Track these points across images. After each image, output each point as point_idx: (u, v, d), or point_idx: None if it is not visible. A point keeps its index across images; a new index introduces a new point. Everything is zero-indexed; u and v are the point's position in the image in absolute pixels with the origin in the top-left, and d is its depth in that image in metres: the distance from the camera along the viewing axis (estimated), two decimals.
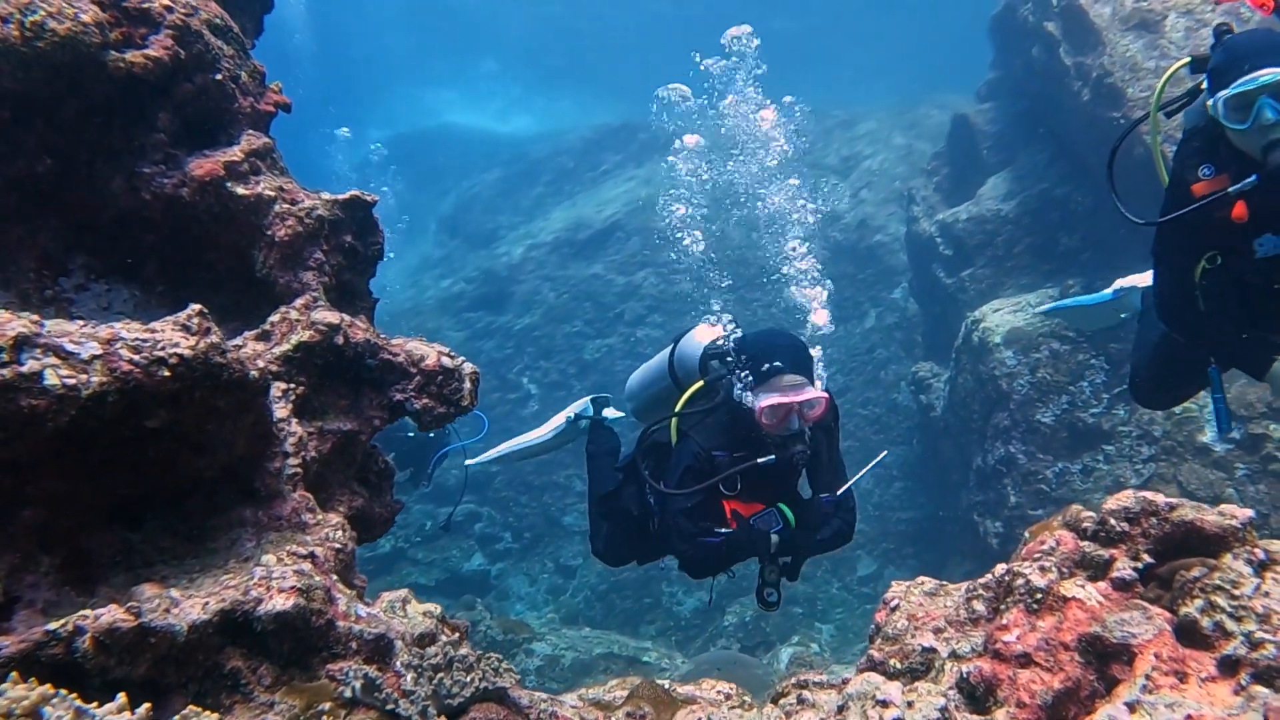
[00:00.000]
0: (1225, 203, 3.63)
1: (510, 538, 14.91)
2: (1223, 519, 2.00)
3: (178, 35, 3.24)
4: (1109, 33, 10.23)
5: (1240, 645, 1.77)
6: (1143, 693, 1.73)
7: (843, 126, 20.17)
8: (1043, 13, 11.34)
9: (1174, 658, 1.79)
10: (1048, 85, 11.31)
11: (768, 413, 3.88)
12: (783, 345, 4.12)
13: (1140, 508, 2.08)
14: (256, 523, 2.55)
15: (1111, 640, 1.82)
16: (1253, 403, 8.47)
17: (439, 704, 2.14)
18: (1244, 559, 1.92)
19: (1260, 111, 3.40)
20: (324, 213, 3.26)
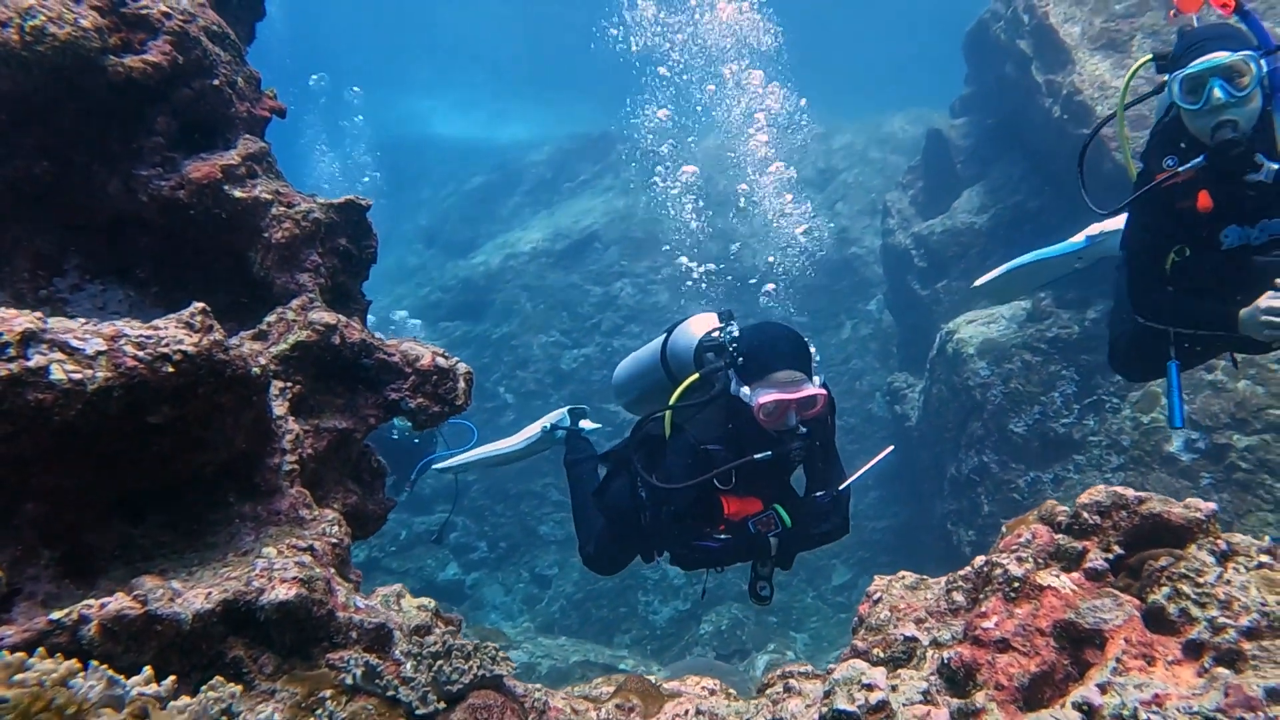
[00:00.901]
0: (1188, 192, 3.75)
1: (486, 547, 14.86)
2: (1188, 512, 2.10)
3: (176, 41, 3.30)
4: (1078, 51, 10.45)
5: (1204, 630, 1.87)
6: (1113, 675, 1.82)
7: (818, 140, 20.36)
8: (1015, 31, 11.55)
9: (1143, 642, 1.88)
10: (1020, 101, 11.51)
11: (765, 409, 3.81)
12: (781, 340, 4.04)
13: (1111, 501, 2.18)
14: (255, 517, 2.61)
15: (1084, 626, 1.92)
16: (1217, 413, 8.65)
17: (438, 690, 2.20)
18: (1207, 549, 2.03)
19: (1210, 92, 3.55)
20: (320, 216, 3.32)
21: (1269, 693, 1.68)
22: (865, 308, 16.41)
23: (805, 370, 3.95)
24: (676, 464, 4.09)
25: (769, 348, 3.98)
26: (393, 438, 9.94)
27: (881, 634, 2.28)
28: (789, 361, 3.91)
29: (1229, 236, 3.83)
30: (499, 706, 2.20)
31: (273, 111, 3.66)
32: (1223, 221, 3.81)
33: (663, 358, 4.85)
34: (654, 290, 17.38)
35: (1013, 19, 11.65)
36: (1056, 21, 10.80)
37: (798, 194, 18.79)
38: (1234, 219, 3.80)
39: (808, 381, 3.91)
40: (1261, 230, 3.78)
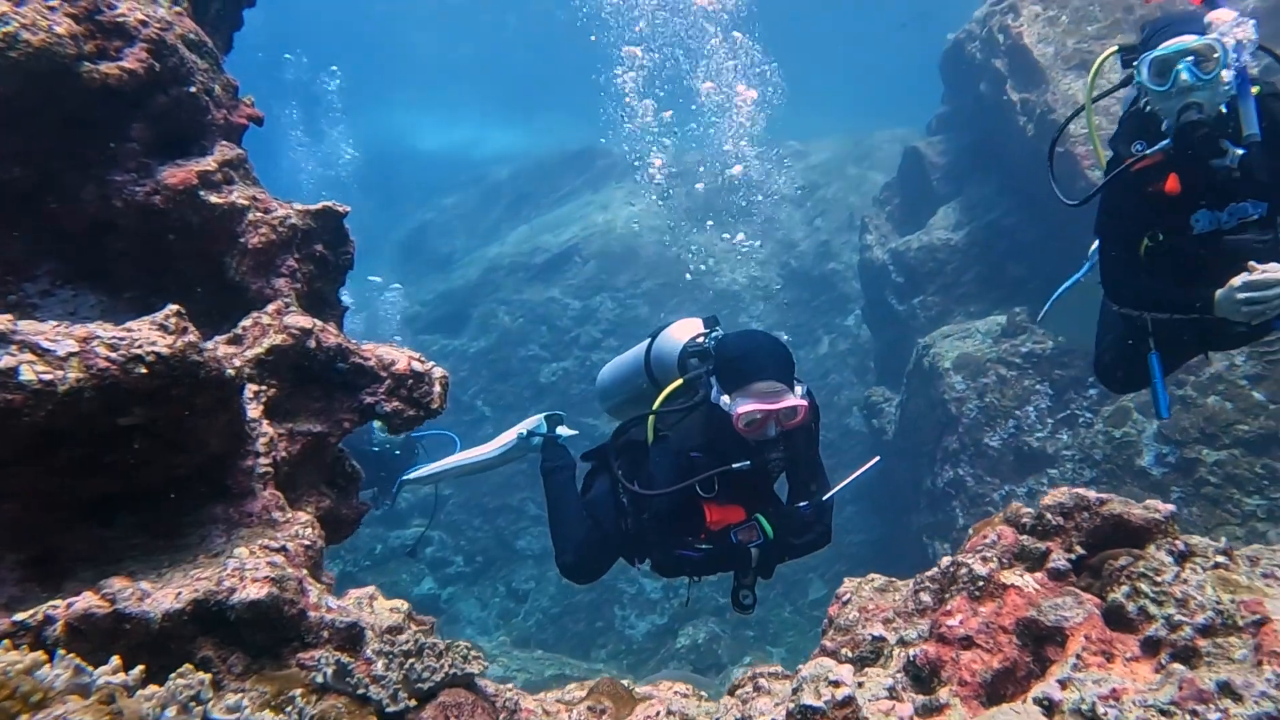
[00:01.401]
0: (1157, 175, 3.80)
1: (462, 561, 14.79)
2: (1147, 513, 2.15)
3: (152, 48, 3.31)
4: (1052, 71, 10.61)
5: (1161, 627, 1.91)
6: (1073, 670, 1.86)
7: (797, 156, 20.54)
8: (990, 51, 11.71)
9: (1102, 639, 1.92)
10: (995, 119, 11.66)
11: (745, 419, 3.76)
12: (763, 349, 3.98)
13: (1074, 503, 2.22)
14: (227, 519, 2.61)
15: (1046, 623, 1.95)
16: (1186, 428, 8.77)
17: (409, 688, 2.21)
18: (1166, 549, 2.07)
19: (1178, 74, 3.61)
20: (297, 222, 3.33)
21: (1220, 686, 1.72)
22: (843, 323, 16.52)
23: (787, 380, 3.88)
24: (659, 470, 4.03)
25: (750, 357, 3.92)
26: (374, 450, 9.82)
27: (850, 634, 2.31)
28: (770, 372, 3.85)
29: (1199, 221, 3.87)
30: (470, 704, 2.21)
31: (250, 119, 3.68)
32: (1192, 206, 3.86)
33: (646, 363, 4.79)
34: (633, 304, 17.43)
35: (988, 39, 11.81)
36: (1030, 42, 10.97)
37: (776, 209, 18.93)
38: (1203, 204, 3.85)
39: (789, 392, 3.85)
40: (1230, 214, 3.83)
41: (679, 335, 4.56)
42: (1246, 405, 8.58)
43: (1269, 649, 1.79)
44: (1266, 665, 1.76)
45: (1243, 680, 1.73)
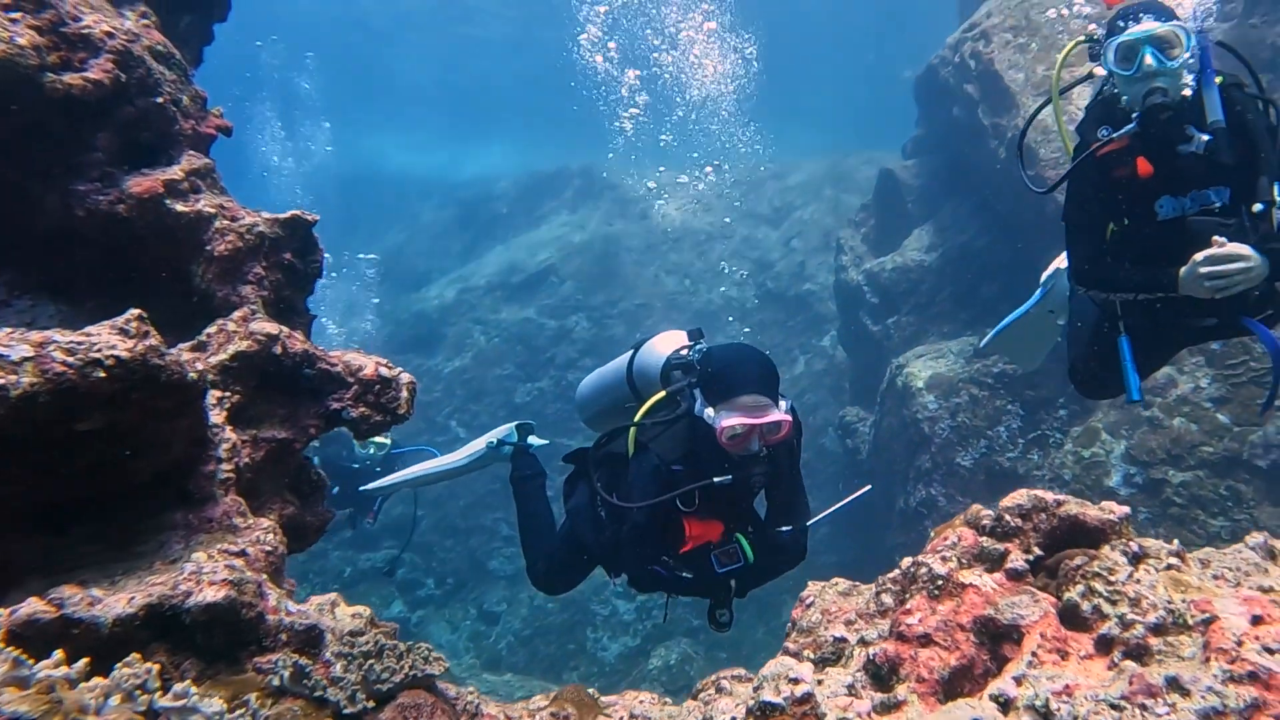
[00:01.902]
0: (1123, 160, 3.85)
1: (433, 584, 14.64)
2: (1102, 513, 2.17)
3: (118, 60, 3.31)
4: (1022, 96, 10.75)
5: (1114, 626, 1.93)
6: (1028, 668, 1.87)
7: (774, 177, 20.68)
8: (962, 76, 11.87)
9: (1057, 637, 1.94)
10: (967, 143, 11.80)
11: (728, 433, 3.66)
12: (749, 362, 3.91)
13: (1032, 504, 2.25)
14: (186, 525, 2.59)
15: (1003, 621, 1.97)
16: (1153, 449, 8.86)
17: (367, 689, 2.19)
18: (1120, 550, 2.10)
19: (1142, 58, 3.68)
20: (264, 229, 3.33)
21: (1169, 681, 1.74)
22: (819, 343, 16.60)
23: (772, 395, 3.81)
24: (638, 482, 3.96)
25: (736, 369, 3.86)
26: (354, 467, 9.77)
27: (812, 635, 2.32)
28: (756, 385, 3.78)
29: (1164, 207, 3.92)
30: (430, 706, 2.19)
31: (219, 130, 3.68)
32: (1156, 192, 3.91)
33: (629, 375, 4.73)
34: (609, 324, 17.45)
35: (960, 65, 11.97)
36: (1002, 68, 11.12)
37: (753, 229, 19.07)
38: (1167, 190, 3.91)
39: (774, 407, 3.78)
40: (1194, 200, 3.89)
41: (663, 348, 4.51)
42: (1211, 427, 8.67)
43: (1216, 646, 1.81)
44: (1214, 662, 1.78)
45: (1190, 676, 1.75)
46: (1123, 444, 9.08)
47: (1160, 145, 3.82)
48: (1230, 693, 1.72)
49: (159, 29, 3.68)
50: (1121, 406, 9.16)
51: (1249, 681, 1.74)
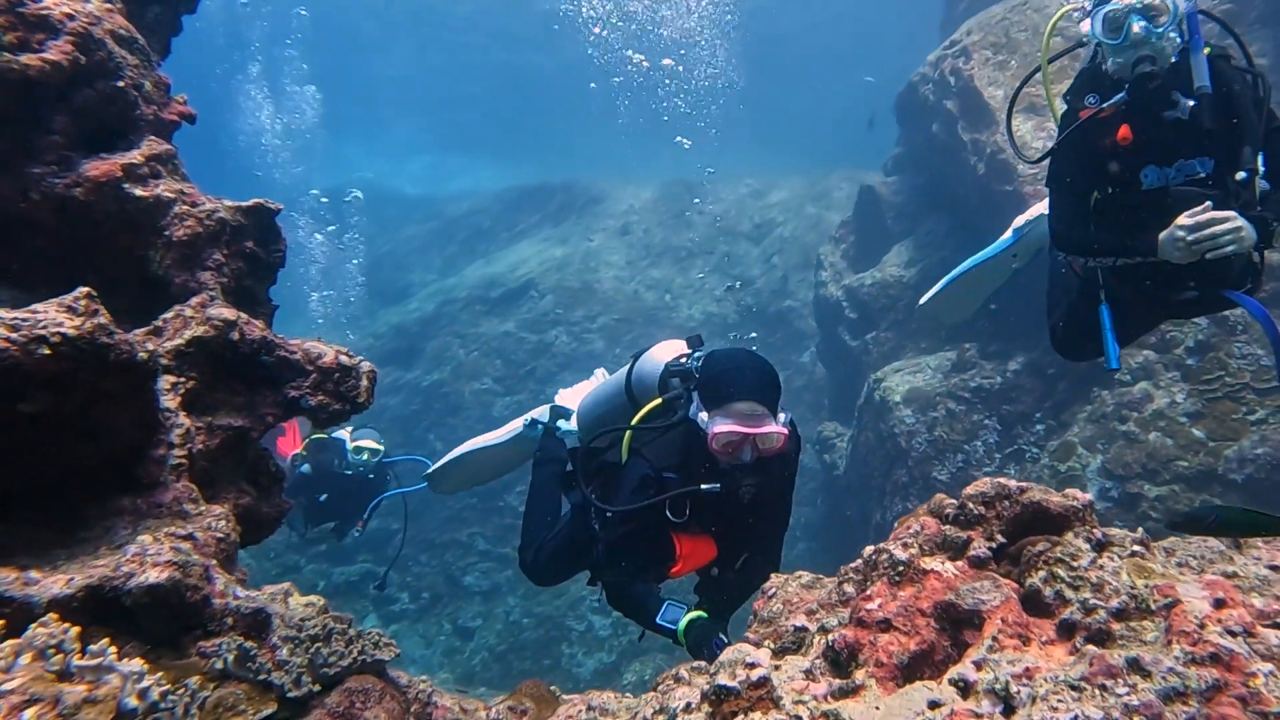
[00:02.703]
0: (1109, 128, 3.88)
1: (407, 598, 14.48)
2: (1066, 500, 2.14)
3: (78, 42, 3.25)
4: (1001, 113, 10.81)
5: (1076, 611, 1.90)
6: (989, 652, 1.83)
7: (755, 195, 20.75)
8: (942, 92, 11.95)
9: (1019, 623, 1.90)
10: (947, 159, 11.87)
11: (720, 440, 3.58)
12: (748, 369, 3.80)
13: (995, 492, 2.21)
14: (135, 510, 2.52)
15: (963, 607, 1.93)
16: (1129, 463, 8.87)
17: (314, 673, 2.12)
18: (1083, 537, 2.06)
19: (1130, 27, 3.74)
20: (225, 216, 3.28)
21: (1130, 663, 1.71)
22: (799, 360, 16.60)
23: (770, 405, 3.71)
24: (627, 488, 3.88)
25: (734, 375, 3.76)
26: (346, 474, 9.62)
27: (773, 625, 2.28)
28: (753, 393, 3.67)
29: (1148, 176, 3.95)
30: (378, 691, 2.13)
31: (182, 116, 3.63)
32: (1141, 161, 3.94)
33: (627, 385, 4.67)
34: (589, 339, 17.40)
35: (940, 81, 12.05)
36: (981, 84, 11.19)
37: (733, 246, 19.11)
38: (1152, 159, 3.93)
39: (770, 417, 3.67)
40: (1178, 170, 3.91)
41: (661, 356, 4.46)
42: (1186, 442, 8.69)
43: (1178, 629, 1.78)
44: (1175, 644, 1.75)
45: (1151, 658, 1.72)
46: (1099, 458, 9.09)
47: (1147, 113, 3.85)
48: (1191, 674, 1.68)
49: (129, 17, 3.63)
50: (1098, 420, 9.18)
51: (1210, 663, 1.70)
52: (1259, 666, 1.70)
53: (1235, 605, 1.84)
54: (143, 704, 1.68)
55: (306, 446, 9.88)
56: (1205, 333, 8.77)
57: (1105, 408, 9.16)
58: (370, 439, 9.87)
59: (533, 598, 13.98)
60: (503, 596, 14.46)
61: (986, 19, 11.76)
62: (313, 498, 9.75)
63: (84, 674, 1.63)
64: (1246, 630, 1.79)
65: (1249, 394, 8.57)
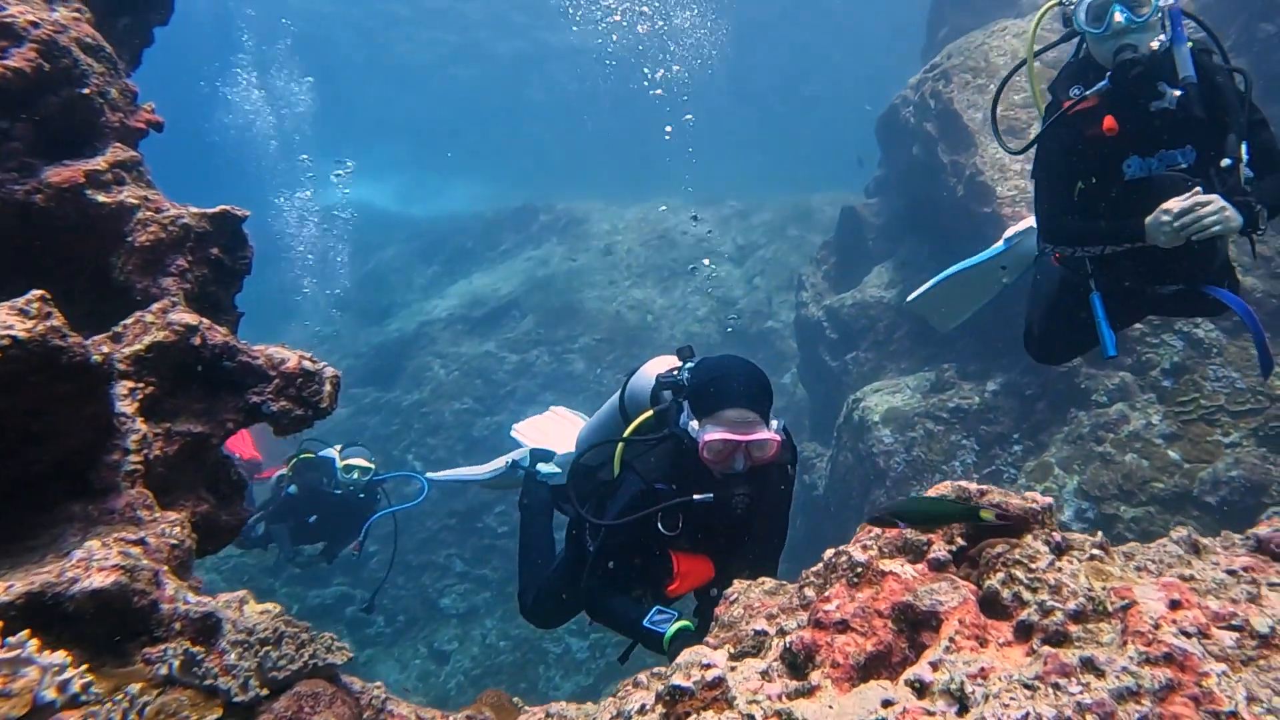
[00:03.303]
0: (1094, 119, 3.91)
1: (383, 621, 14.31)
2: (1026, 503, 2.14)
3: (42, 49, 3.24)
4: (980, 135, 10.93)
5: (1034, 613, 1.88)
6: (945, 653, 1.82)
7: (739, 216, 20.84)
8: (923, 114, 12.06)
9: (976, 624, 1.89)
10: (927, 180, 11.96)
11: (711, 448, 3.51)
12: (739, 376, 3.71)
13: (956, 495, 2.21)
14: (85, 517, 2.47)
15: (921, 608, 1.92)
16: (1105, 484, 8.89)
17: (262, 677, 2.08)
18: (1042, 540, 2.05)
19: (1112, 16, 3.79)
20: (190, 222, 3.25)
21: (1084, 661, 1.69)
22: (780, 381, 16.62)
23: (762, 411, 3.64)
24: (620, 502, 3.80)
25: (723, 383, 3.68)
26: (336, 494, 9.44)
27: (733, 630, 2.25)
28: (744, 400, 3.60)
29: (1131, 166, 3.99)
30: (329, 695, 2.09)
31: (149, 125, 3.61)
32: (1125, 151, 3.98)
33: (620, 403, 4.62)
34: (570, 359, 17.38)
35: (921, 104, 12.17)
36: (961, 107, 11.30)
37: (717, 267, 19.17)
38: (1135, 149, 3.97)
39: (763, 424, 3.60)
40: (1160, 160, 3.96)
41: (653, 370, 4.40)
42: (1162, 464, 8.73)
43: (1133, 629, 1.77)
44: (1130, 644, 1.74)
45: (1105, 658, 1.70)
46: (1075, 479, 9.11)
47: (1131, 103, 3.90)
48: (1145, 674, 1.67)
49: (91, 23, 3.62)
50: (1074, 441, 9.21)
51: (1164, 663, 1.69)
52: (1212, 667, 1.69)
53: (1191, 607, 1.83)
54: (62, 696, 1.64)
55: (293, 467, 9.73)
56: (1180, 355, 8.84)
57: (1082, 429, 9.20)
58: (360, 457, 9.69)
59: (510, 620, 13.86)
60: (479, 619, 14.34)
61: (966, 44, 11.90)
62: (301, 520, 9.59)
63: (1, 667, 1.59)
64: (1201, 631, 1.78)
65: (1224, 416, 8.63)
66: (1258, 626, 1.79)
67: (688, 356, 4.29)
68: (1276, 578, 2.00)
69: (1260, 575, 2.00)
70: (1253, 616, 1.81)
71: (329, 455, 9.69)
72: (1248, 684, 1.67)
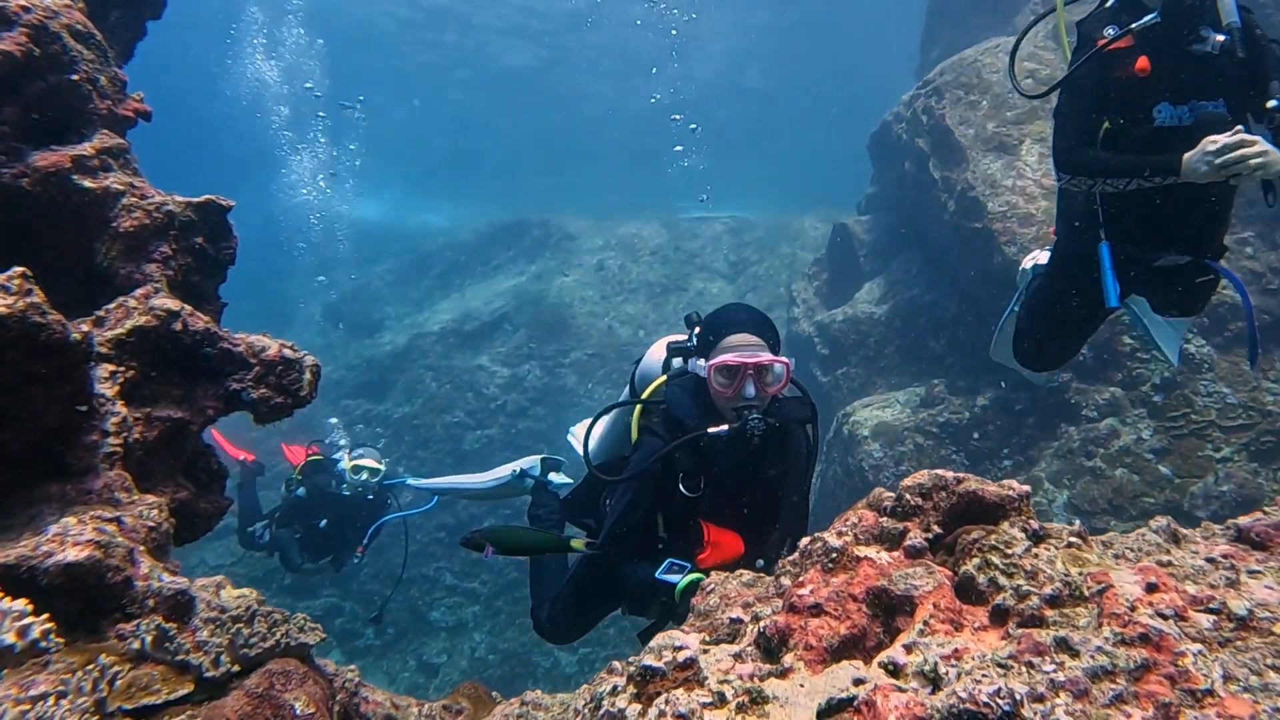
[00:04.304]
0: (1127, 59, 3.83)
1: (372, 634, 14.23)
2: (1002, 490, 2.13)
3: (32, 34, 3.25)
4: (972, 151, 10.98)
5: (1010, 597, 1.87)
6: (919, 636, 1.81)
7: (732, 233, 20.89)
8: (915, 131, 12.13)
9: (951, 609, 1.88)
10: (918, 197, 12.01)
11: (717, 374, 3.46)
12: (738, 309, 3.72)
13: (932, 483, 2.20)
14: (62, 497, 2.45)
15: (896, 592, 1.91)
16: (1095, 498, 8.90)
17: (234, 654, 2.06)
18: (1019, 527, 2.05)
19: None
20: (175, 210, 3.25)
21: (1058, 641, 1.68)
22: None
23: (768, 341, 3.60)
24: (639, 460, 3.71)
25: (724, 316, 3.68)
26: (344, 495, 9.27)
27: (709, 619, 2.24)
28: (748, 326, 3.58)
29: (1162, 112, 3.90)
30: (300, 675, 2.07)
31: (138, 114, 3.61)
32: (1157, 96, 3.90)
33: (631, 388, 4.52)
34: (561, 374, 17.36)
35: (913, 120, 12.24)
36: (953, 123, 11.36)
37: (708, 284, 19.19)
38: (1167, 95, 3.89)
39: (768, 351, 3.56)
40: (1191, 110, 3.88)
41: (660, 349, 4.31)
42: (1152, 478, 8.74)
43: (1109, 611, 1.76)
44: (1106, 625, 1.73)
45: (1080, 638, 1.69)
46: (1065, 493, 9.11)
47: (1171, 44, 3.82)
48: (1120, 654, 1.66)
49: (84, 14, 3.62)
50: (1064, 456, 9.21)
51: (1140, 644, 1.68)
52: (1188, 647, 1.68)
53: (1167, 590, 1.82)
54: (22, 642, 1.63)
55: (301, 469, 9.55)
56: (1171, 370, 8.85)
57: (1072, 443, 9.20)
58: (370, 458, 9.50)
59: (499, 634, 13.79)
60: (468, 632, 14.26)
61: (959, 61, 11.98)
62: (310, 524, 9.35)
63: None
64: (1178, 614, 1.77)
65: (1215, 431, 8.64)
66: (1235, 609, 1.78)
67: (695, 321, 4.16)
68: (1256, 565, 1.99)
69: (1240, 563, 2.00)
70: (1230, 599, 1.80)
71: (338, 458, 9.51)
72: (1224, 664, 1.65)
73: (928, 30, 16.65)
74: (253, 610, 2.15)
